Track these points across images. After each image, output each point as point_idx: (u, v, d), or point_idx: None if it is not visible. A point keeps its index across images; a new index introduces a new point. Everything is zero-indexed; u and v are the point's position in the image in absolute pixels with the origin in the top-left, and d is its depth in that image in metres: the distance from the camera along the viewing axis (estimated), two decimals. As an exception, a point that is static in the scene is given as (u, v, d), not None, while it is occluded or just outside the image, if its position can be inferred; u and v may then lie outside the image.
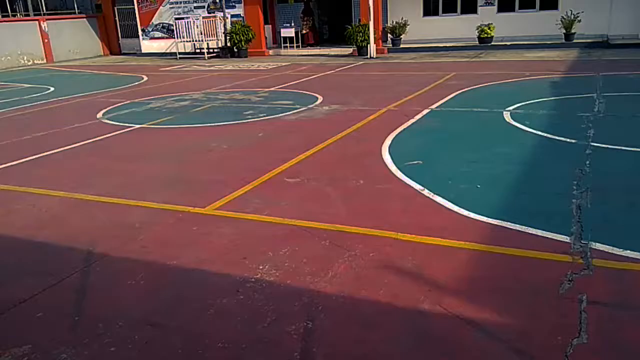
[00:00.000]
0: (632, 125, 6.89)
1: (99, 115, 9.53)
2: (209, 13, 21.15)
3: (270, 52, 20.84)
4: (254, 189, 5.17)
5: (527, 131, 6.76)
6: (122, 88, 13.26)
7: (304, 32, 21.06)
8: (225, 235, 4.13)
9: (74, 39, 23.60)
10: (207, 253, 3.86)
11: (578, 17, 16.64)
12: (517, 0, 18.54)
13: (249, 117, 8.72)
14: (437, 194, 4.71)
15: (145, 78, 15.12)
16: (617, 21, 16.97)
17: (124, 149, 7.20)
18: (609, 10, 17.11)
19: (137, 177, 5.82)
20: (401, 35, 18.88)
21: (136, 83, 14.14)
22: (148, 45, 23.07)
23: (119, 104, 10.61)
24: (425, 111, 8.31)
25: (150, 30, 22.90)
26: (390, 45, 19.10)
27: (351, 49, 18.70)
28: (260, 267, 3.58)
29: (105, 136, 7.87)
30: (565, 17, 16.83)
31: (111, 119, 9.09)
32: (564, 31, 16.86)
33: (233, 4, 20.87)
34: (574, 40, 16.74)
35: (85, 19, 24.17)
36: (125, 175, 5.93)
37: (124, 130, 8.20)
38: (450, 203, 4.51)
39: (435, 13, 19.77)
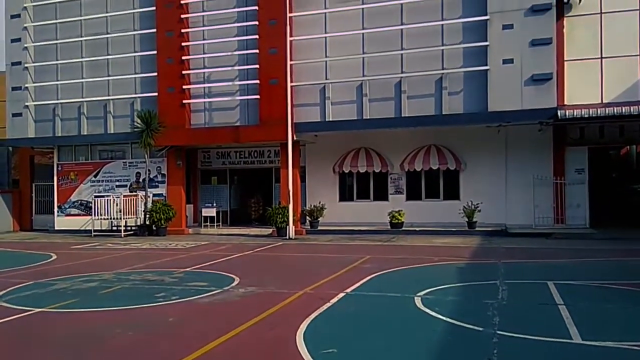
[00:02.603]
0: (534, 313, 7.26)
1: (-5, 297, 8.83)
2: (130, 192, 21.34)
3: (190, 230, 20.91)
4: (158, 383, 4.80)
5: (437, 318, 6.93)
6: (27, 267, 12.52)
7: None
8: None
9: (-16, 214, 22.74)
10: None
11: (478, 207, 18.28)
12: (424, 190, 20.31)
13: (160, 299, 8.40)
14: (350, 387, 4.59)
15: (54, 256, 14.42)
16: (513, 212, 18.78)
17: (16, 337, 6.59)
18: (504, 203, 19.01)
19: (25, 370, 5.27)
20: (319, 217, 19.74)
21: (43, 262, 13.43)
22: (62, 222, 22.50)
23: (20, 285, 9.92)
24: (341, 295, 8.41)
25: (67, 207, 22.55)
26: (309, 226, 19.82)
27: (271, 229, 19.19)
28: None
29: (-3, 321, 7.23)
30: (466, 206, 18.44)
31: (8, 302, 8.41)
32: (467, 219, 18.33)
33: (156, 183, 21.31)
34: (476, 228, 18.13)
35: (-1, 194, 23.65)
36: (12, 367, 5.36)
37: (21, 315, 7.57)
38: (363, 397, 4.38)
39: (351, 199, 21.10)
